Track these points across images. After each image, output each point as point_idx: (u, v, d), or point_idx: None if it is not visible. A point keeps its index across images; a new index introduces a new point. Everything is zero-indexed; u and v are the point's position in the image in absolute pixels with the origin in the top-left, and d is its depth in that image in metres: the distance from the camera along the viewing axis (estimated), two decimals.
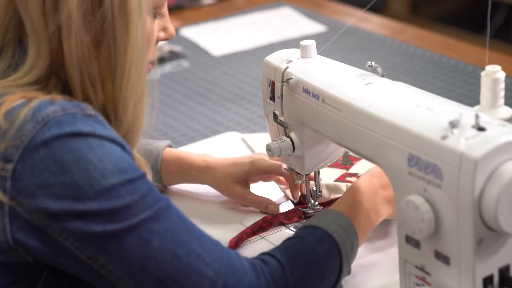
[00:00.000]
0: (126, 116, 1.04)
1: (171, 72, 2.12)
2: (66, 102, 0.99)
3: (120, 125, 1.04)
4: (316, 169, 1.33)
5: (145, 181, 1.01)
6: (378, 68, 1.17)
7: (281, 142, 1.28)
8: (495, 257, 0.99)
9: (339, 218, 1.16)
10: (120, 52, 1.01)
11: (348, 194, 1.22)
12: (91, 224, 0.97)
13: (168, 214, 1.01)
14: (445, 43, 2.20)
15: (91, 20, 1.00)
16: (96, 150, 0.98)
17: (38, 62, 1.02)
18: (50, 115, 0.97)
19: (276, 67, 1.28)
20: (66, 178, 0.97)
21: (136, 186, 0.99)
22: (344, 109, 1.14)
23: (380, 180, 1.22)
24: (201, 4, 2.58)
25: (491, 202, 0.95)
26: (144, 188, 1.00)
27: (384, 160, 1.08)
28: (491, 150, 0.95)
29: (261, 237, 1.33)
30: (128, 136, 1.05)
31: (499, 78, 1.12)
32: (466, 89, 1.89)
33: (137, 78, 1.03)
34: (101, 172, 0.97)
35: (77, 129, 0.97)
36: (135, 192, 0.99)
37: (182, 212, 1.04)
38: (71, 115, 0.98)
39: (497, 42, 3.52)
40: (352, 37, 2.23)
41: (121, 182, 0.98)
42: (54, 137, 0.97)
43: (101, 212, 0.97)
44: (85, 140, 0.97)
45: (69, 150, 0.97)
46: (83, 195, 0.97)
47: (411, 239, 1.05)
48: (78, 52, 1.00)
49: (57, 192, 0.97)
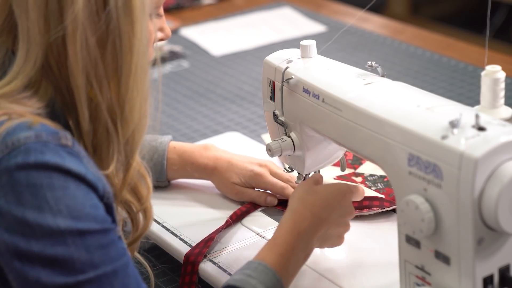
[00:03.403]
0: (132, 116, 1.02)
1: (171, 72, 2.12)
2: (44, 127, 0.96)
3: (126, 125, 1.02)
4: (316, 169, 1.33)
5: (101, 236, 0.96)
6: (378, 68, 1.17)
7: (282, 141, 1.28)
8: (495, 257, 1.00)
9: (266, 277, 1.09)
10: (126, 52, 0.99)
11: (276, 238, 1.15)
12: (27, 267, 0.94)
13: (111, 281, 0.96)
14: (445, 43, 2.20)
15: (96, 20, 0.98)
16: (55, 190, 0.94)
17: (26, 67, 0.99)
18: (21, 141, 0.94)
19: (276, 67, 1.28)
20: (18, 211, 0.93)
21: (87, 239, 0.94)
22: (344, 109, 1.14)
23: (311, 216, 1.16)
24: (201, 4, 2.58)
25: (491, 202, 0.95)
26: (95, 244, 0.95)
27: (384, 160, 1.08)
28: (491, 150, 0.95)
29: (261, 237, 1.33)
30: (134, 135, 1.03)
31: (499, 78, 1.12)
32: (466, 89, 1.89)
33: (143, 77, 1.01)
34: (54, 214, 0.93)
35: (43, 160, 0.94)
36: (81, 246, 0.94)
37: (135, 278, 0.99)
38: (42, 143, 0.94)
39: (497, 42, 3.52)
40: (352, 37, 2.23)
41: (70, 229, 0.94)
42: (18, 166, 0.93)
43: (40, 257, 0.93)
44: (48, 175, 0.94)
45: (29, 183, 0.93)
46: (30, 232, 0.93)
47: (411, 239, 1.05)
48: (83, 53, 0.98)
49: (7, 223, 0.94)
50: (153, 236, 1.36)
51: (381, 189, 1.42)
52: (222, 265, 1.26)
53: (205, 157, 1.43)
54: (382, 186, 1.43)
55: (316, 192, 1.19)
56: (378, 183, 1.44)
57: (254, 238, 1.33)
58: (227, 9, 2.54)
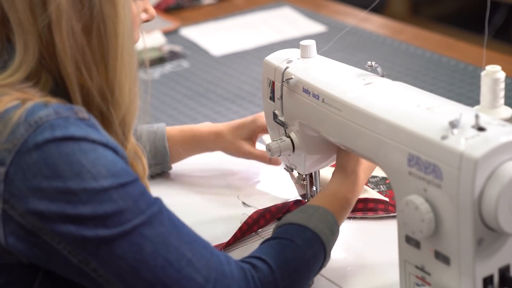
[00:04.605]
0: (123, 99, 1.04)
1: (171, 72, 2.12)
2: (59, 105, 0.99)
3: (118, 108, 1.04)
4: (316, 169, 1.33)
5: (137, 185, 1.01)
6: (378, 68, 1.17)
7: (281, 142, 1.28)
8: (495, 257, 0.99)
9: (326, 217, 1.16)
10: (111, 36, 1.01)
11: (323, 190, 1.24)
12: (83, 228, 0.97)
13: (160, 218, 1.01)
14: (445, 43, 2.20)
15: (79, 7, 1.00)
16: (88, 154, 0.98)
17: (26, 58, 1.01)
18: (43, 118, 0.97)
19: (276, 67, 1.28)
20: (58, 182, 0.96)
21: (129, 191, 0.99)
22: (344, 109, 1.14)
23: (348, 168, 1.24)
24: (201, 4, 2.58)
25: (491, 202, 0.95)
26: (137, 192, 1.00)
27: (384, 160, 1.08)
28: (491, 150, 0.95)
29: (261, 237, 1.33)
30: (126, 118, 1.06)
31: (499, 78, 1.12)
32: (466, 89, 1.89)
33: (130, 60, 1.03)
34: (94, 176, 0.97)
35: (70, 133, 0.97)
36: (127, 197, 0.99)
37: (173, 214, 1.04)
38: (64, 119, 0.98)
39: (497, 42, 3.52)
40: (352, 37, 2.23)
41: (113, 186, 0.98)
42: (47, 141, 0.96)
43: (93, 216, 0.97)
44: (77, 144, 0.97)
45: (62, 154, 0.97)
46: (76, 199, 0.97)
47: (411, 239, 1.05)
48: (70, 41, 1.00)
49: (49, 196, 0.96)
50: None
51: (384, 191, 1.42)
52: None
53: (204, 128, 1.51)
54: (384, 188, 1.42)
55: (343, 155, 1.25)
56: (380, 185, 1.43)
57: (254, 239, 1.33)
58: (227, 9, 2.54)
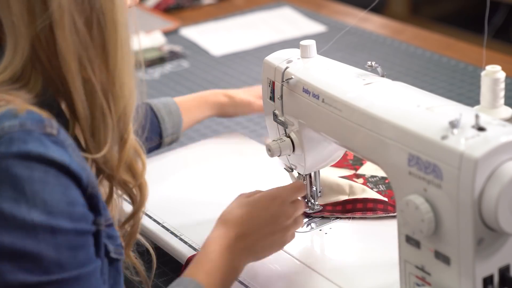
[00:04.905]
0: (123, 92, 1.02)
1: (171, 72, 2.12)
2: (29, 116, 0.95)
3: (118, 102, 1.02)
4: (316, 169, 1.33)
5: (73, 237, 0.95)
6: (378, 68, 1.17)
7: (281, 142, 1.28)
8: (495, 257, 0.99)
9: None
10: (110, 27, 1.00)
11: (203, 255, 1.15)
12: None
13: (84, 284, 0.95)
14: (445, 43, 2.20)
15: (80, 2, 0.98)
16: (34, 183, 0.93)
17: (14, 60, 0.99)
18: (5, 129, 0.94)
19: (276, 67, 1.28)
20: None
21: (57, 239, 0.93)
22: (344, 109, 1.14)
23: (236, 230, 1.17)
24: (201, 4, 2.58)
25: (491, 202, 0.95)
26: (65, 244, 0.94)
27: (384, 160, 1.08)
28: (491, 150, 0.95)
29: None
30: (126, 111, 1.04)
31: (499, 78, 1.12)
32: (466, 89, 1.89)
33: (128, 50, 1.02)
34: (29, 207, 0.92)
35: (27, 149, 0.93)
36: (51, 244, 0.93)
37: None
38: (27, 132, 0.94)
39: (497, 42, 3.52)
40: (352, 37, 2.23)
41: (43, 225, 0.93)
42: (0, 156, 0.93)
43: (10, 250, 0.92)
44: (28, 166, 0.93)
45: (10, 174, 0.92)
46: (3, 224, 0.92)
47: (411, 239, 1.05)
48: (73, 37, 0.98)
49: None
50: (153, 237, 1.36)
51: (383, 191, 1.42)
52: None
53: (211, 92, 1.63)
54: (383, 188, 1.42)
55: (243, 205, 1.19)
56: (379, 185, 1.43)
57: None
58: (227, 9, 2.54)
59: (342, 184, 1.41)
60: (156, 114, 1.53)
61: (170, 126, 1.54)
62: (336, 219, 1.36)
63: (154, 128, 1.53)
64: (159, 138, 1.54)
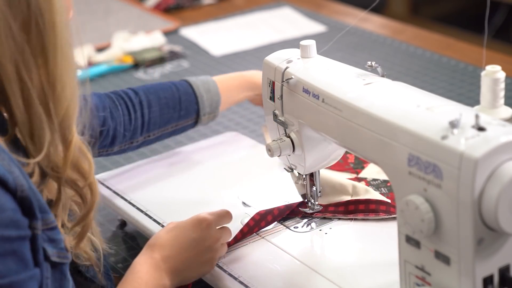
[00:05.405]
0: (65, 93, 1.00)
1: (171, 72, 2.12)
2: None
3: (59, 104, 1.00)
4: (316, 169, 1.33)
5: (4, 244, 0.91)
6: (378, 68, 1.17)
7: (281, 142, 1.28)
8: (495, 257, 0.99)
9: None
10: (49, 29, 0.98)
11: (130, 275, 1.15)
12: None
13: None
14: (445, 43, 2.20)
15: (15, 4, 0.96)
16: None
17: None
18: None
19: (276, 67, 1.28)
20: None
21: None
22: (344, 109, 1.14)
23: (161, 253, 1.18)
24: (201, 4, 2.58)
25: (491, 202, 0.95)
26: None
27: (384, 160, 1.08)
28: (491, 150, 0.95)
29: (261, 237, 1.33)
30: (69, 111, 1.01)
31: (499, 78, 1.12)
32: (466, 89, 1.89)
33: (68, 51, 1.01)
34: None
35: None
36: None
37: None
38: None
39: (497, 42, 3.52)
40: (352, 37, 2.23)
41: None
42: None
43: None
44: None
45: None
46: None
47: (411, 239, 1.05)
48: (9, 42, 0.96)
49: None
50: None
51: (385, 193, 1.41)
52: (221, 264, 1.26)
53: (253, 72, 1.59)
54: (386, 191, 1.42)
55: (170, 229, 1.21)
56: (381, 188, 1.43)
57: (254, 238, 1.33)
58: (227, 9, 2.54)
59: (345, 184, 1.41)
60: (194, 91, 1.51)
61: (208, 104, 1.52)
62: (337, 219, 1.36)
63: (191, 106, 1.50)
64: (196, 116, 1.52)
